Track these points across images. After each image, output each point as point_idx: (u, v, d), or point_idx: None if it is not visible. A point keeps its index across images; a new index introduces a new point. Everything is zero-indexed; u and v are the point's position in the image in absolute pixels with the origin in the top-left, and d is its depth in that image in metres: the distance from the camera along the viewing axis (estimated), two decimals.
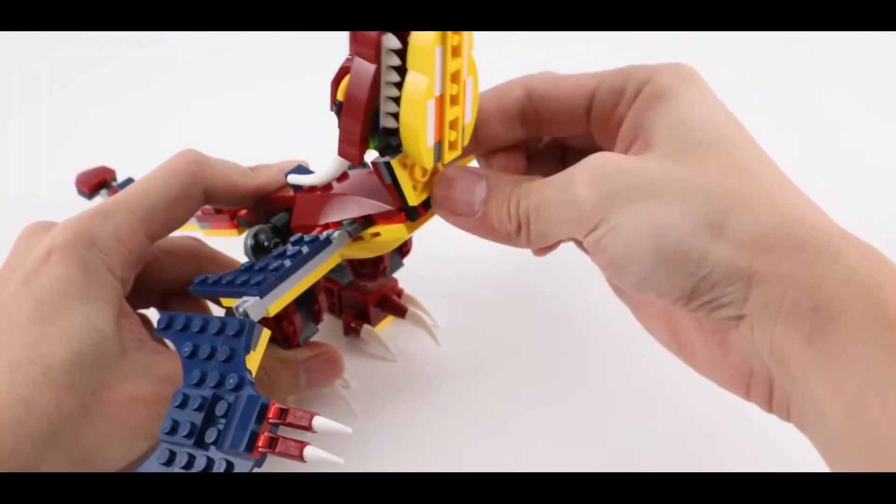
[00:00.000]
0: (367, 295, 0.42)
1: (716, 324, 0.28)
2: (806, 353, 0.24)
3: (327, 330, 0.43)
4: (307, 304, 0.36)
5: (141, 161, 0.38)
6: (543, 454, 0.37)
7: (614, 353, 0.42)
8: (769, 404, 0.28)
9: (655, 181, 0.26)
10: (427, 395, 0.40)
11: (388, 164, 0.29)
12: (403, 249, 0.40)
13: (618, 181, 0.27)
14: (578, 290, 0.45)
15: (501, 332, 0.44)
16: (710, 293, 0.26)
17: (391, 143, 0.28)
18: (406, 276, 0.43)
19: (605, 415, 0.39)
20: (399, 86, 0.27)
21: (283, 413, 0.25)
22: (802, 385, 0.25)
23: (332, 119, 0.28)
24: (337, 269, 0.43)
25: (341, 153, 0.29)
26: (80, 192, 0.51)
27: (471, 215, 0.31)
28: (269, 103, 0.67)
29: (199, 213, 0.43)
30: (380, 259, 0.39)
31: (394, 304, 0.43)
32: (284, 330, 0.35)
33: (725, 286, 0.26)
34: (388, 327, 0.44)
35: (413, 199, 0.31)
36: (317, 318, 0.37)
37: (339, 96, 0.27)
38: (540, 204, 0.29)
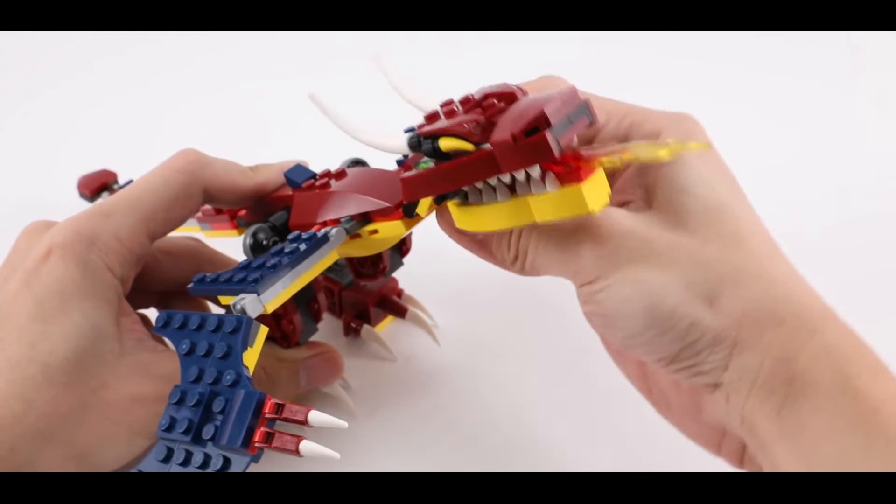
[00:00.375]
0: (367, 295, 0.42)
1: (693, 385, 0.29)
2: (774, 424, 0.25)
3: (327, 330, 0.43)
4: (306, 302, 0.36)
5: (141, 161, 0.38)
6: (543, 454, 0.37)
7: None
8: (740, 463, 0.29)
9: (656, 246, 0.27)
10: (427, 395, 0.40)
11: None
12: (403, 249, 0.40)
13: (619, 243, 0.27)
14: None
15: (501, 333, 0.44)
16: (694, 359, 0.27)
17: (448, 197, 0.30)
18: (406, 276, 0.43)
19: (606, 414, 0.39)
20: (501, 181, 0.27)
21: (279, 408, 0.25)
22: (770, 454, 0.26)
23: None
24: (337, 270, 0.43)
25: (404, 181, 0.28)
26: (83, 196, 0.51)
27: (472, 235, 0.31)
28: (269, 103, 0.67)
29: (199, 214, 0.43)
30: (379, 258, 0.39)
31: (394, 304, 0.43)
32: (284, 328, 0.35)
33: (709, 354, 0.26)
34: (388, 327, 0.44)
35: (424, 211, 0.31)
36: (316, 317, 0.37)
37: (445, 147, 0.26)
38: (540, 245, 0.29)
